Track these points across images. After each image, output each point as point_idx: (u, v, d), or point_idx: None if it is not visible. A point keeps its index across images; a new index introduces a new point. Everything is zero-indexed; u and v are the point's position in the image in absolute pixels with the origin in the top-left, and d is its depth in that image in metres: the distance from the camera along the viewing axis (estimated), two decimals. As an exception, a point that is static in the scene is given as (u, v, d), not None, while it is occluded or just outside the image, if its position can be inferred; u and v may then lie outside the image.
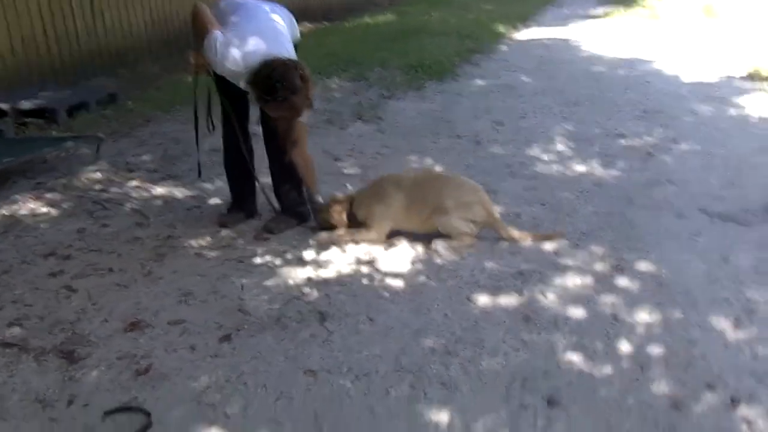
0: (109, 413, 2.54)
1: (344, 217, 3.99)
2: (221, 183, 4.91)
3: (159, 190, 4.85)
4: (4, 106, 6.86)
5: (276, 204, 4.25)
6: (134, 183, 4.97)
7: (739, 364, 2.77)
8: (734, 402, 2.53)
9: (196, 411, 2.56)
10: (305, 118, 3.91)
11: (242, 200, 4.29)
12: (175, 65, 10.26)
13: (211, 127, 4.14)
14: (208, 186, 4.90)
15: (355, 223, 3.97)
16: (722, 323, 3.06)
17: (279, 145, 4.01)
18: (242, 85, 3.78)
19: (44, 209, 4.49)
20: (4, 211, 4.44)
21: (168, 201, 4.65)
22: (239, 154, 4.17)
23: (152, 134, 6.29)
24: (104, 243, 4.01)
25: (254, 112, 4.15)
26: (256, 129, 4.30)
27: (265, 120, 4.03)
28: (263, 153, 4.22)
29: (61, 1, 8.28)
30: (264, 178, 4.30)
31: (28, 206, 4.52)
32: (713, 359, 2.80)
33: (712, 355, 2.83)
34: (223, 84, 4.00)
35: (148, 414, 2.52)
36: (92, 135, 5.47)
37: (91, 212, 4.45)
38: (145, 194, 4.77)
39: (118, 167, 5.30)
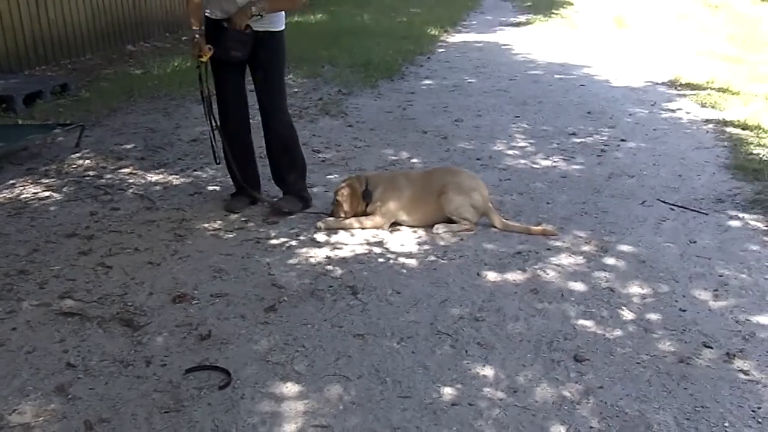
0: (190, 371, 2.77)
1: (350, 198, 4.23)
2: (212, 171, 5.15)
3: (154, 177, 5.01)
4: (-42, 94, 6.80)
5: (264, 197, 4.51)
6: (128, 170, 5.11)
7: (725, 327, 3.23)
8: (730, 357, 2.99)
9: (267, 369, 2.83)
10: None
11: (245, 187, 4.51)
12: (114, 57, 10.29)
13: (214, 125, 4.29)
14: (201, 174, 5.11)
15: (369, 199, 4.24)
16: (703, 294, 3.53)
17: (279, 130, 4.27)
18: None
19: (46, 193, 4.60)
20: (6, 194, 4.53)
21: (167, 187, 4.82)
22: (241, 142, 4.39)
23: (124, 124, 6.39)
24: (120, 225, 4.17)
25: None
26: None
27: (262, 103, 4.26)
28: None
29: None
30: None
31: (30, 190, 4.63)
32: (703, 324, 3.25)
33: (702, 320, 3.29)
34: (221, 71, 4.20)
35: (227, 372, 2.76)
36: (75, 123, 5.54)
37: (95, 196, 4.59)
38: (142, 181, 4.92)
39: (104, 155, 5.42)
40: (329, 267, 3.75)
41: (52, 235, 3.98)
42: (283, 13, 4.13)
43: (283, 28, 4.17)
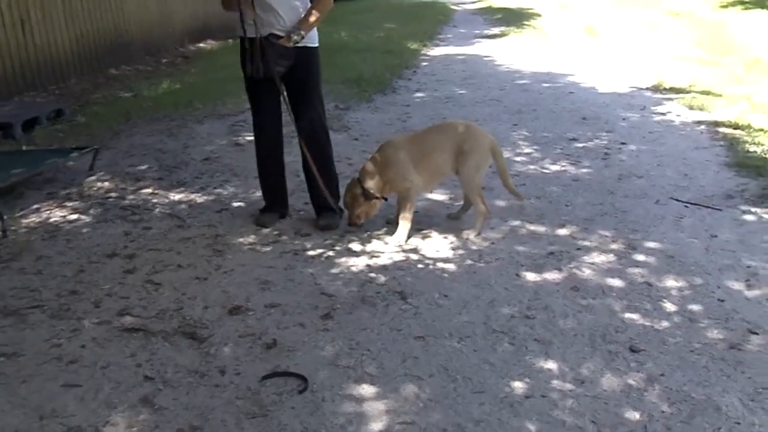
0: (266, 377, 2.83)
1: (353, 205, 4.31)
2: (232, 188, 5.21)
3: (176, 196, 5.04)
4: (-44, 122, 6.77)
5: (332, 203, 4.46)
6: (148, 190, 5.14)
7: (765, 314, 3.38)
8: (777, 341, 3.14)
9: (339, 373, 2.90)
10: None
11: (275, 202, 4.58)
12: (99, 81, 10.29)
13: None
14: (222, 191, 5.16)
15: (371, 196, 4.28)
16: (736, 285, 3.68)
17: (317, 142, 4.35)
18: None
19: (74, 216, 4.62)
20: (35, 219, 4.54)
21: (192, 205, 4.86)
22: (273, 158, 4.47)
23: (131, 146, 6.41)
24: (157, 243, 4.21)
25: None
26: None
27: (302, 112, 4.34)
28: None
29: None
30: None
31: (57, 214, 4.64)
32: (744, 312, 3.39)
33: (741, 309, 3.43)
34: (257, 89, 4.27)
35: (303, 377, 2.83)
36: (90, 147, 5.56)
37: (123, 217, 4.61)
38: (165, 200, 4.96)
39: (121, 176, 5.44)
40: (372, 274, 3.83)
41: (93, 255, 4.01)
42: (316, 30, 4.23)
43: (317, 44, 4.27)
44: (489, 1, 25.82)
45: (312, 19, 4.09)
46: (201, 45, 14.08)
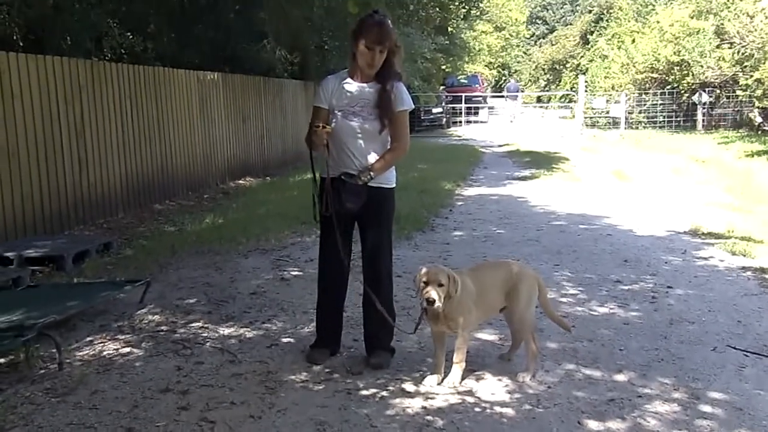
0: None
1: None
2: (281, 323, 5.21)
3: (226, 330, 5.04)
4: (11, 255, 6.93)
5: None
6: (198, 324, 5.15)
7: None
8: None
9: None
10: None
11: (328, 338, 4.56)
12: (144, 215, 10.56)
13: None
14: (270, 326, 5.15)
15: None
16: (814, 441, 3.55)
17: (379, 282, 4.38)
18: None
19: (126, 349, 4.62)
20: (89, 351, 4.54)
21: (242, 340, 4.85)
22: (335, 296, 4.50)
23: (179, 279, 6.48)
24: (209, 379, 4.18)
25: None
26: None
27: (370, 251, 4.40)
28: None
29: (56, 161, 8.62)
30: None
31: (110, 347, 4.65)
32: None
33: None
34: (329, 227, 4.34)
35: None
36: (143, 280, 5.65)
37: (175, 351, 4.60)
38: (216, 334, 4.95)
39: (171, 310, 5.47)
40: (428, 417, 3.75)
41: (147, 390, 3.98)
42: (394, 171, 4.35)
43: (394, 185, 4.37)
44: (516, 145, 26.47)
45: (380, 164, 4.23)
46: (240, 182, 14.46)
